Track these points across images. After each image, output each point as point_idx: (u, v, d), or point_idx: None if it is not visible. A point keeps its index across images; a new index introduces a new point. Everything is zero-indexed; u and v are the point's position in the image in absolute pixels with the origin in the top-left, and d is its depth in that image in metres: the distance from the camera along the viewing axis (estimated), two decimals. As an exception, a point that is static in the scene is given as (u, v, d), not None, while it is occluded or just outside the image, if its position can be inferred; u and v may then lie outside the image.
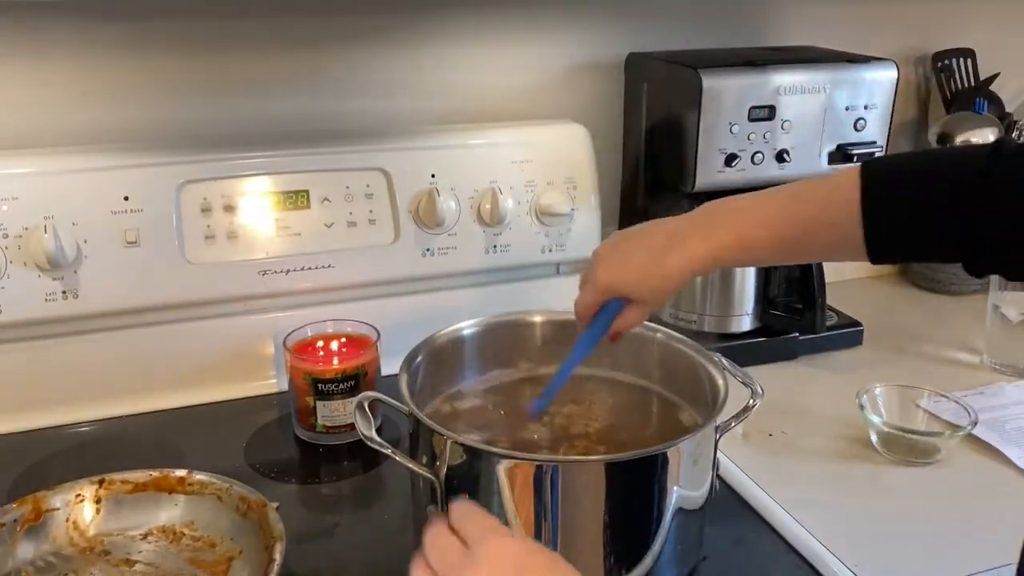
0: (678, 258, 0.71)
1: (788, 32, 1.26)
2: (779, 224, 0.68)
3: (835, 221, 0.66)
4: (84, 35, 1.00)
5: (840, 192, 0.66)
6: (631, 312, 0.75)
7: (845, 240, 0.66)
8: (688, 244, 0.71)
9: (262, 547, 0.72)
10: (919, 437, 0.92)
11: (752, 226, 0.69)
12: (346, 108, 1.11)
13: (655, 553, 0.69)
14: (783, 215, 0.68)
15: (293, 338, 0.94)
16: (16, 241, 0.92)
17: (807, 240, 0.68)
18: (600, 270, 0.75)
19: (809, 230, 0.68)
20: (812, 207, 0.67)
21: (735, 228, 0.70)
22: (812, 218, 0.67)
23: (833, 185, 0.67)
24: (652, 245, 0.73)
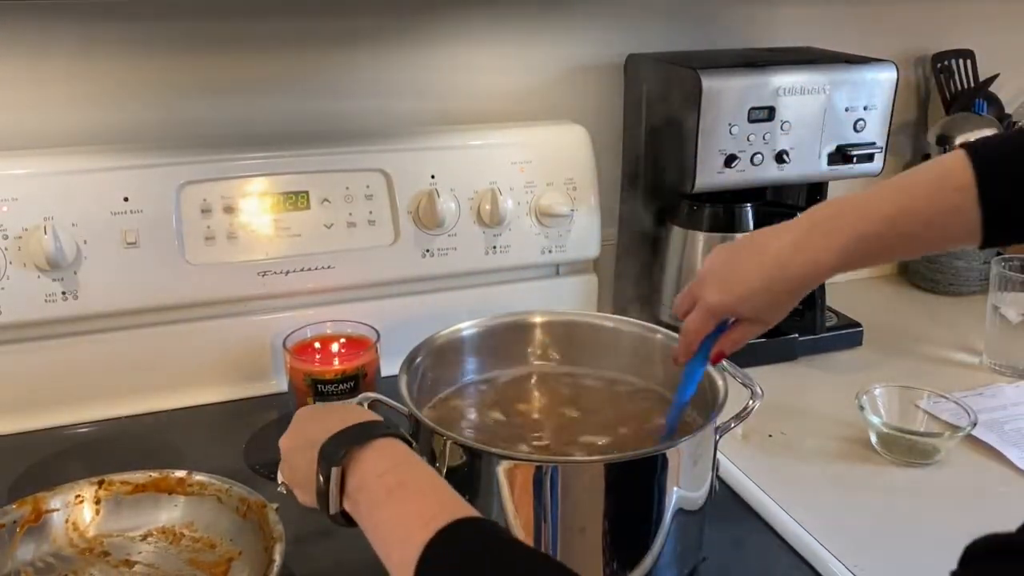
0: (801, 264, 0.68)
1: (788, 33, 1.26)
2: (898, 220, 0.66)
3: (951, 210, 0.64)
4: (84, 36, 1.00)
5: (950, 180, 0.64)
6: (744, 330, 0.72)
7: (961, 228, 0.65)
8: (808, 250, 0.68)
9: (262, 548, 0.72)
10: (919, 438, 0.92)
11: (872, 224, 0.66)
12: (346, 109, 1.11)
13: (655, 554, 0.69)
14: (900, 211, 0.66)
15: (293, 339, 0.94)
16: (16, 242, 0.92)
17: (926, 233, 0.66)
18: (711, 290, 0.71)
19: (928, 223, 0.66)
20: (924, 200, 0.65)
21: (856, 228, 0.67)
22: (928, 211, 0.65)
23: (941, 173, 0.65)
24: (771, 257, 0.69)
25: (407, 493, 0.56)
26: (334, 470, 0.59)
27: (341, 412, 0.65)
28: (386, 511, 0.56)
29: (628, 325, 0.86)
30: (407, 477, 0.58)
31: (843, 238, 0.67)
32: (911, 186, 0.67)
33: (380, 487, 0.57)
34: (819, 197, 1.17)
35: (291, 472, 0.66)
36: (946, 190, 0.65)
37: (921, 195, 0.66)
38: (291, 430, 0.68)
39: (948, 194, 0.65)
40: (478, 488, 0.66)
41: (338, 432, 0.61)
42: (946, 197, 0.65)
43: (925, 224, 0.66)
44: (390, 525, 0.55)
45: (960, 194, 0.64)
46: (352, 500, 0.59)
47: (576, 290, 1.17)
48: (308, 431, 0.64)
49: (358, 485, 0.59)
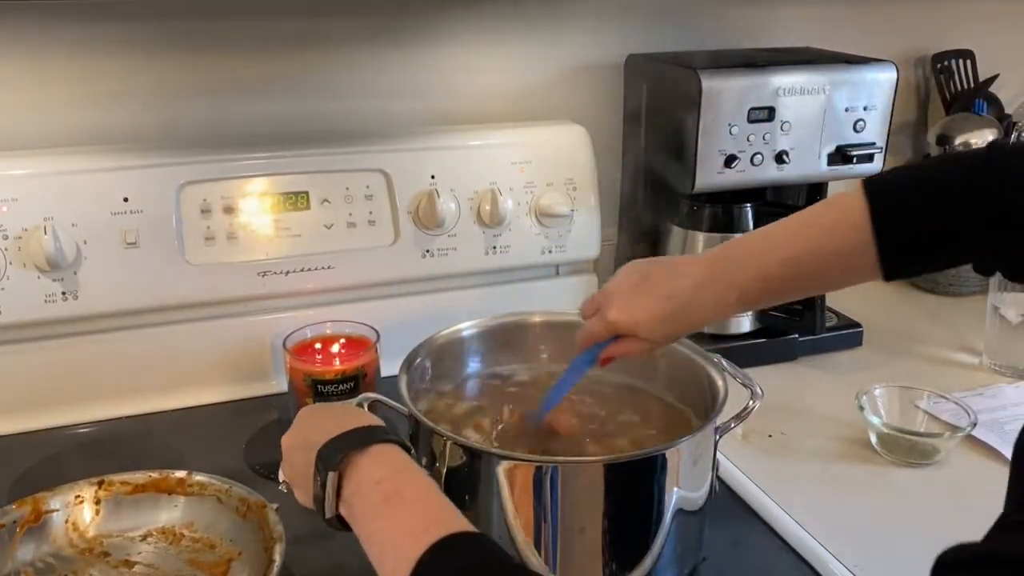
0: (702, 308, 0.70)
1: (787, 33, 1.26)
2: (799, 261, 0.68)
3: (850, 249, 0.66)
4: (84, 36, 1.00)
5: (848, 218, 0.66)
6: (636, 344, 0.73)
7: (860, 265, 0.66)
8: (710, 292, 0.70)
9: (262, 548, 0.72)
10: (918, 438, 0.91)
11: (773, 266, 0.68)
12: (346, 109, 1.11)
13: (655, 554, 0.69)
14: (801, 252, 0.68)
15: (293, 339, 0.94)
16: (16, 242, 0.92)
17: (827, 271, 0.68)
18: (613, 309, 0.73)
19: (827, 262, 0.67)
20: (824, 241, 0.67)
21: (758, 271, 0.69)
22: (827, 250, 0.67)
23: (839, 213, 0.67)
24: (674, 290, 0.71)
25: (403, 503, 0.56)
26: (331, 475, 0.59)
27: (342, 414, 0.65)
28: (381, 520, 0.56)
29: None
30: (404, 486, 0.58)
31: (743, 277, 0.69)
32: (811, 227, 0.69)
33: (377, 494, 0.57)
34: (819, 197, 1.17)
35: (291, 471, 0.66)
36: (843, 228, 0.66)
37: (821, 236, 0.68)
38: (292, 429, 0.68)
39: (845, 232, 0.66)
40: (478, 488, 0.66)
41: (337, 436, 0.61)
42: (844, 236, 0.66)
43: (824, 263, 0.68)
44: (384, 535, 0.55)
45: (856, 232, 0.65)
46: (348, 505, 0.59)
47: (576, 290, 1.17)
48: (308, 432, 0.64)
49: (354, 490, 0.59)
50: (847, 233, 0.66)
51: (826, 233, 0.67)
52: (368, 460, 0.60)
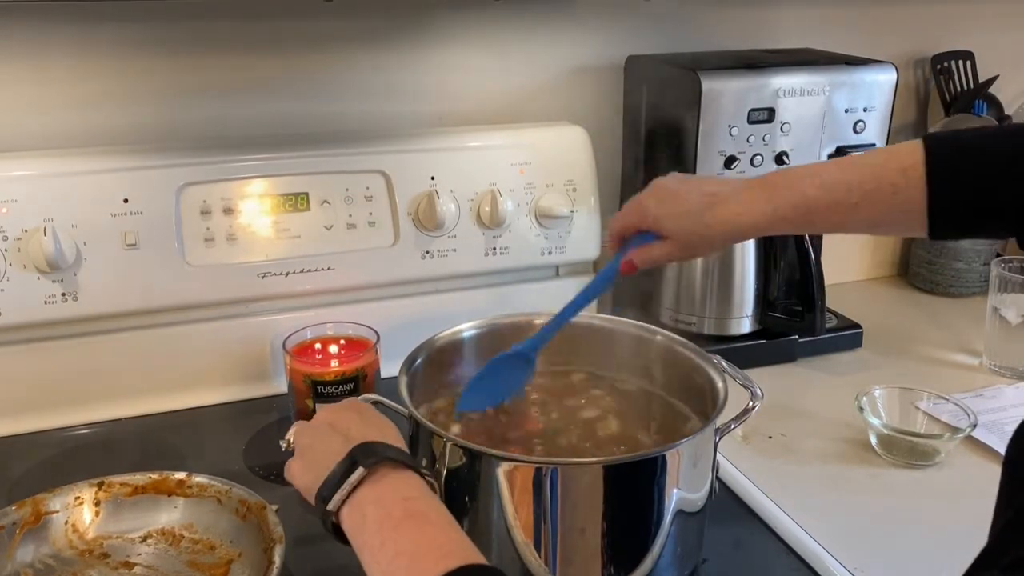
0: (736, 207, 0.71)
1: (787, 35, 1.26)
2: (837, 187, 0.67)
3: (892, 188, 0.65)
4: (84, 37, 1.00)
5: (897, 159, 0.66)
6: (659, 247, 0.74)
7: (899, 210, 0.66)
8: (745, 198, 0.70)
9: (261, 550, 0.72)
10: (919, 439, 0.91)
11: (813, 187, 0.68)
12: (346, 110, 1.11)
13: (655, 555, 0.69)
14: (842, 179, 0.68)
15: (292, 340, 0.94)
16: (16, 243, 0.92)
17: (866, 206, 0.67)
18: (651, 199, 0.74)
19: (867, 195, 0.67)
20: (868, 172, 0.67)
21: (796, 189, 0.69)
22: (869, 183, 0.67)
23: (890, 153, 0.67)
24: (713, 191, 0.72)
25: (428, 523, 0.56)
26: (361, 470, 0.58)
27: (387, 429, 0.64)
28: (401, 533, 0.55)
29: (627, 326, 0.86)
30: (431, 510, 0.57)
31: (780, 197, 0.69)
32: (860, 161, 0.69)
33: (401, 508, 0.57)
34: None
35: (310, 442, 0.65)
36: (890, 168, 0.66)
37: (868, 168, 0.67)
38: (336, 411, 0.67)
39: (891, 172, 0.66)
40: (478, 489, 0.66)
41: (381, 443, 0.61)
42: (888, 175, 0.66)
43: (862, 196, 0.67)
44: (401, 546, 0.54)
45: (903, 174, 0.65)
46: (358, 510, 0.58)
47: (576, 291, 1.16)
48: (351, 423, 0.63)
49: (375, 498, 0.58)
50: (893, 173, 0.65)
51: (873, 168, 0.67)
52: (401, 477, 0.59)
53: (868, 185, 0.67)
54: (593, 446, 0.76)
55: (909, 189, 0.65)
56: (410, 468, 0.60)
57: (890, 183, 0.65)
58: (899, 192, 0.65)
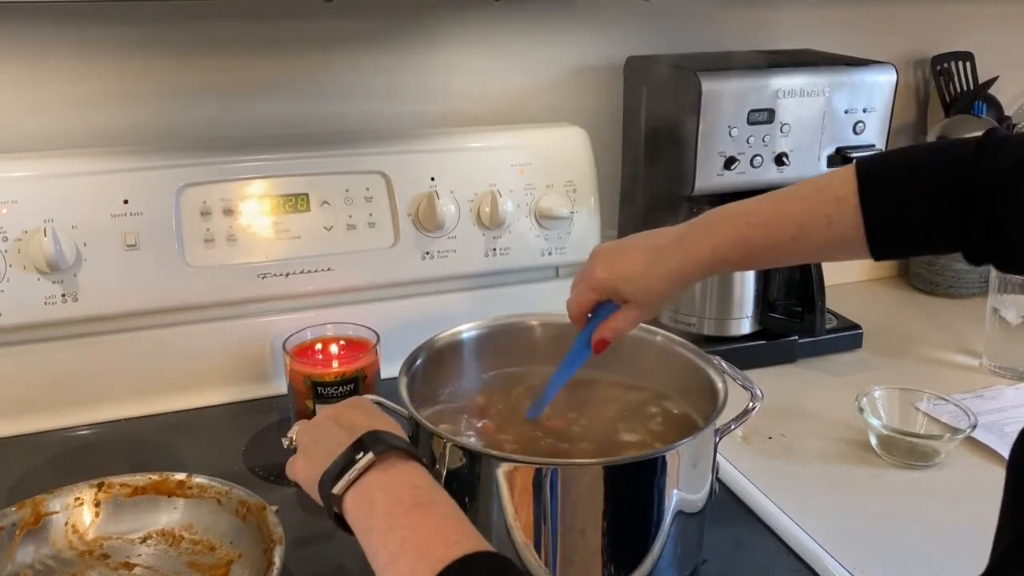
0: (679, 257, 0.71)
1: (787, 36, 1.26)
2: (773, 224, 0.68)
3: (827, 219, 0.66)
4: (83, 38, 1.00)
5: (830, 190, 0.66)
6: (622, 316, 0.75)
7: (839, 238, 0.66)
8: (689, 244, 0.71)
9: (261, 550, 0.72)
10: (918, 440, 0.92)
11: (748, 226, 0.69)
12: (346, 111, 1.11)
13: (655, 556, 0.69)
14: (776, 215, 0.68)
15: (292, 341, 0.94)
16: (16, 244, 0.92)
17: (803, 239, 0.68)
18: (597, 267, 0.75)
19: (803, 229, 0.67)
20: (802, 205, 0.68)
21: (732, 228, 0.70)
22: (803, 217, 0.67)
23: (823, 183, 0.68)
24: (654, 246, 0.73)
25: (437, 512, 0.56)
26: (370, 454, 0.59)
27: (392, 424, 0.65)
28: (410, 519, 0.55)
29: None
30: (439, 500, 0.57)
31: (717, 239, 0.70)
32: (796, 191, 0.69)
33: (410, 496, 0.57)
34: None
35: (315, 438, 0.65)
36: (825, 200, 0.66)
37: (802, 201, 0.68)
38: (340, 407, 0.67)
39: (826, 203, 0.66)
40: (478, 490, 0.66)
41: (388, 433, 0.61)
42: (822, 206, 0.66)
43: (800, 230, 0.67)
44: (410, 532, 0.54)
45: (837, 204, 0.66)
46: (365, 494, 0.58)
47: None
48: (355, 417, 0.64)
49: (383, 484, 0.58)
50: (827, 203, 0.66)
51: (806, 200, 0.68)
52: (409, 467, 0.60)
53: (802, 218, 0.67)
54: (593, 447, 0.76)
55: (844, 219, 0.65)
56: (417, 459, 0.61)
57: (824, 214, 0.66)
58: (834, 223, 0.66)
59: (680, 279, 0.72)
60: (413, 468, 0.60)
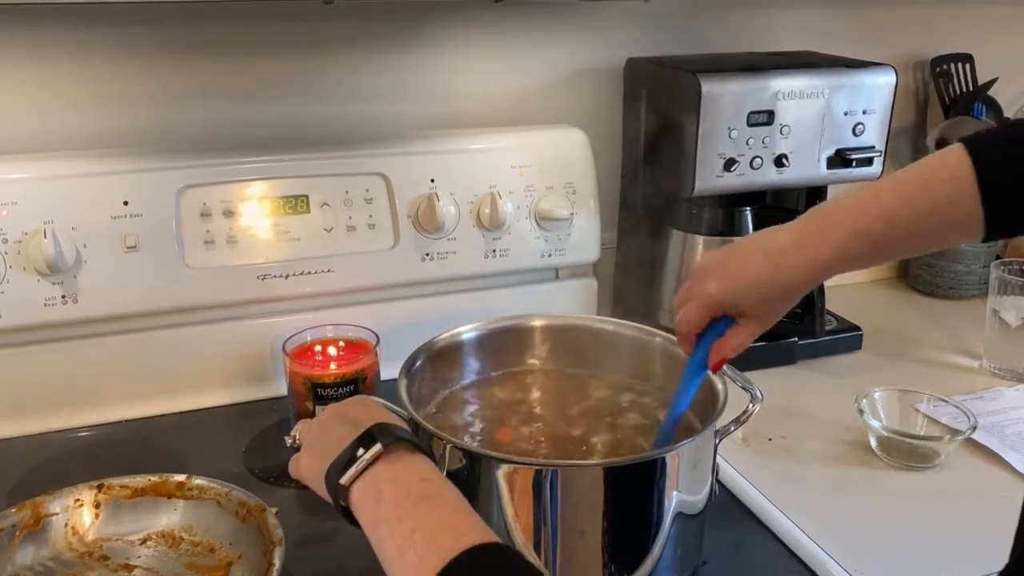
0: (801, 260, 0.67)
1: (787, 37, 1.26)
2: (895, 215, 0.66)
3: (946, 200, 0.64)
4: (83, 39, 1.00)
5: (945, 171, 0.65)
6: (743, 332, 0.70)
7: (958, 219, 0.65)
8: (807, 247, 0.68)
9: (261, 552, 0.72)
10: (918, 441, 0.92)
11: (869, 220, 0.66)
12: (346, 113, 1.11)
13: (655, 557, 0.69)
14: (897, 205, 0.66)
15: (292, 343, 0.94)
16: (16, 246, 0.92)
17: (924, 225, 0.66)
18: (710, 282, 0.70)
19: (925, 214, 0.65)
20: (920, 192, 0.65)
21: (853, 225, 0.67)
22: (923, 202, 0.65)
23: (937, 165, 0.66)
24: (771, 251, 0.69)
25: (445, 504, 0.56)
26: (378, 445, 0.59)
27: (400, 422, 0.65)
28: (419, 510, 0.55)
29: (627, 328, 0.86)
30: (447, 493, 0.57)
31: (840, 236, 0.67)
32: (907, 180, 0.67)
33: (418, 488, 0.57)
34: (818, 200, 1.17)
35: (319, 435, 0.65)
36: (941, 180, 0.65)
37: (916, 187, 0.66)
38: (344, 404, 0.67)
39: (943, 184, 0.65)
40: (478, 492, 0.66)
41: (395, 425, 0.62)
42: (941, 187, 0.65)
43: (922, 216, 0.65)
44: (418, 523, 0.54)
45: (955, 184, 0.64)
46: (373, 485, 0.58)
47: (575, 293, 1.17)
48: (360, 413, 0.64)
49: (392, 476, 0.58)
50: (945, 185, 0.64)
51: (924, 185, 0.66)
52: (417, 459, 0.60)
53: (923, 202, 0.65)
54: (593, 448, 0.76)
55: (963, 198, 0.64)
56: (424, 452, 0.61)
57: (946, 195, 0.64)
58: (953, 203, 0.64)
59: (803, 285, 0.69)
60: (420, 460, 0.60)
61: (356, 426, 0.61)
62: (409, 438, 0.61)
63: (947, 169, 0.65)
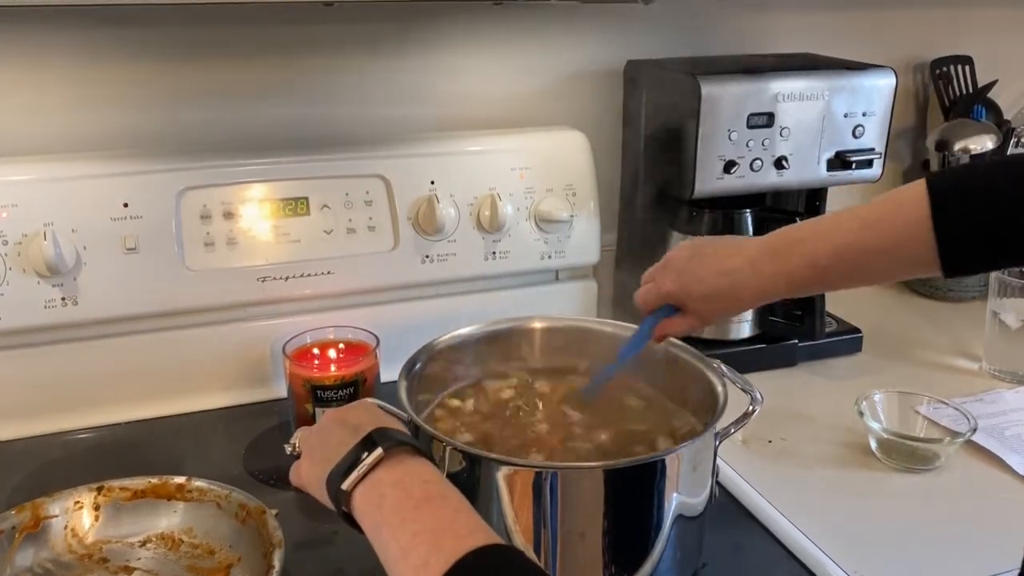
0: (753, 285, 0.73)
1: (787, 39, 1.26)
2: (849, 252, 0.69)
3: (903, 241, 0.67)
4: (84, 42, 1.00)
5: (905, 213, 0.67)
6: (683, 320, 0.78)
7: (913, 259, 0.67)
8: (761, 273, 0.73)
9: (261, 554, 0.72)
10: (918, 443, 0.91)
11: (824, 255, 0.70)
12: (346, 115, 1.11)
13: (654, 559, 0.69)
14: (852, 242, 0.69)
15: (292, 345, 0.94)
16: (16, 248, 0.92)
17: (877, 263, 0.69)
18: (671, 278, 0.77)
19: (879, 252, 0.68)
20: (878, 231, 0.68)
21: (807, 255, 0.71)
22: (880, 242, 0.68)
23: (897, 205, 0.68)
24: (726, 269, 0.75)
25: (447, 506, 0.56)
26: (379, 451, 0.59)
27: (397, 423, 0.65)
28: (421, 513, 0.55)
29: (627, 331, 0.86)
30: (449, 494, 0.58)
31: (793, 264, 0.71)
32: (868, 217, 0.70)
33: (420, 490, 0.57)
34: (818, 203, 1.17)
35: (319, 441, 0.65)
36: (900, 222, 0.67)
37: (876, 226, 0.69)
38: (344, 410, 0.67)
39: (901, 227, 0.67)
40: (478, 494, 0.66)
41: (395, 429, 0.62)
42: (900, 229, 0.67)
43: (875, 255, 0.69)
44: (421, 526, 0.54)
45: (909, 228, 0.66)
46: (375, 490, 0.58)
47: (575, 296, 1.17)
48: (361, 418, 0.64)
49: (393, 480, 0.58)
50: (904, 227, 0.67)
51: (883, 224, 0.68)
52: (418, 462, 0.60)
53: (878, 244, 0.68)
54: (593, 450, 0.76)
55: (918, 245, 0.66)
56: (424, 455, 0.61)
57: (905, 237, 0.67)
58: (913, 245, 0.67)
59: (753, 302, 0.76)
60: (421, 463, 0.60)
61: (356, 431, 0.61)
62: (410, 442, 0.61)
63: (905, 212, 0.67)
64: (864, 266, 0.70)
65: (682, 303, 0.77)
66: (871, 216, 0.69)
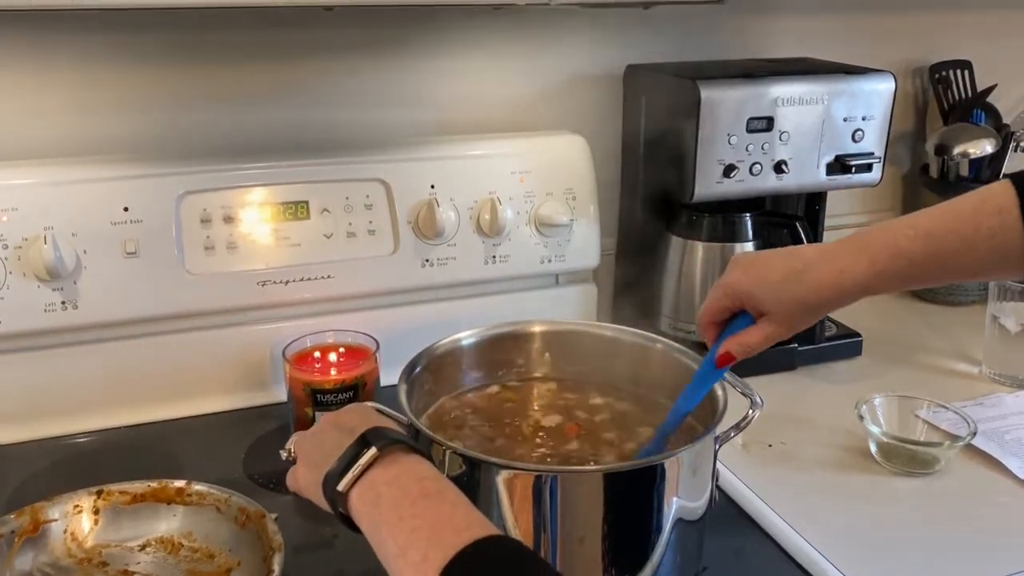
0: (830, 269, 0.68)
1: (786, 44, 1.26)
2: (934, 236, 0.66)
3: (988, 233, 0.64)
4: (84, 46, 1.00)
5: (992, 201, 0.65)
6: (756, 329, 0.71)
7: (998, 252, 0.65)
8: (840, 259, 0.68)
9: (260, 558, 0.72)
10: (918, 447, 0.91)
11: (908, 239, 0.66)
12: (346, 119, 1.11)
13: (654, 563, 0.68)
14: (937, 227, 0.66)
15: (292, 348, 0.94)
16: (16, 252, 0.92)
17: (962, 254, 0.66)
18: (736, 271, 0.71)
19: (966, 241, 0.65)
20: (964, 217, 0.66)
21: (891, 241, 0.67)
22: (967, 228, 0.65)
23: (984, 196, 0.66)
24: (800, 256, 0.70)
25: (445, 501, 0.56)
26: (373, 450, 0.59)
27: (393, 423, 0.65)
28: (418, 509, 0.55)
29: (627, 335, 0.86)
30: (446, 490, 0.57)
31: (874, 253, 0.67)
32: (952, 208, 0.67)
33: (417, 487, 0.57)
34: (817, 207, 1.17)
35: (314, 445, 0.65)
36: (985, 212, 0.65)
37: (960, 216, 0.66)
38: (339, 413, 0.67)
39: (986, 216, 0.64)
40: (478, 497, 0.66)
41: (390, 429, 0.62)
42: (984, 219, 0.64)
43: (962, 243, 0.65)
44: (419, 521, 0.54)
45: (999, 217, 0.64)
46: (371, 490, 0.58)
47: (575, 300, 1.17)
48: (355, 421, 0.64)
49: (389, 479, 0.58)
50: (989, 217, 0.64)
51: (967, 215, 0.65)
52: (413, 460, 0.60)
53: (966, 230, 0.65)
54: (593, 454, 0.76)
55: (1007, 231, 0.64)
56: (420, 453, 0.61)
57: (987, 226, 0.64)
58: (996, 235, 0.64)
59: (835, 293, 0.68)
60: (417, 461, 0.60)
61: (350, 433, 0.61)
62: (404, 440, 0.61)
63: (992, 201, 0.64)
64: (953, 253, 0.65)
65: (751, 295, 0.70)
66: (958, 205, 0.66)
